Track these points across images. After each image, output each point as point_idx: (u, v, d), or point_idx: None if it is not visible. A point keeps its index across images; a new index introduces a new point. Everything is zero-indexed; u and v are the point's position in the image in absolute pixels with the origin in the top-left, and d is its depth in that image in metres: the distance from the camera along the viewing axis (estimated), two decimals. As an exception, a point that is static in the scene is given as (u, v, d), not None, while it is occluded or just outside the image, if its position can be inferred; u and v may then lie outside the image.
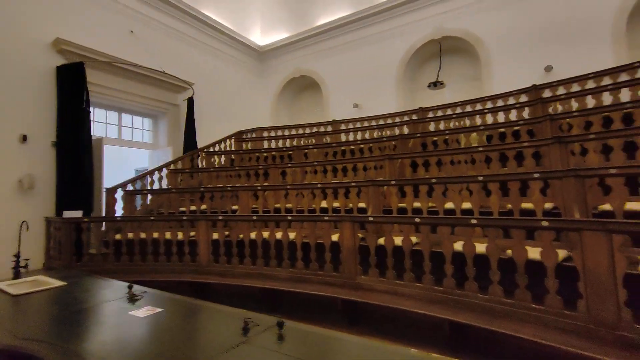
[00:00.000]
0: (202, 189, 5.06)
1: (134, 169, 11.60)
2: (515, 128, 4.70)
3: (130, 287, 2.10)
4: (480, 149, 3.99)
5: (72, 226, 4.46)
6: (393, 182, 3.93)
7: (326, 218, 3.59)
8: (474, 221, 2.68)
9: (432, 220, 2.99)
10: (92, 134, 6.33)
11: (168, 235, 4.35)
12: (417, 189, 3.81)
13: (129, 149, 8.88)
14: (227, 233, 4.18)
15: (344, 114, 9.20)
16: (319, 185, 4.44)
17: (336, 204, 4.37)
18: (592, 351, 2.05)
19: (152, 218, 4.36)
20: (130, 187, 5.81)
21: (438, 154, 4.32)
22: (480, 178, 3.32)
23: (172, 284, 4.09)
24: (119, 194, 5.70)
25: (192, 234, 4.33)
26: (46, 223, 4.72)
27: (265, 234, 3.97)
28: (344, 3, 9.91)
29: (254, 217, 3.99)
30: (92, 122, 6.37)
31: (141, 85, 7.86)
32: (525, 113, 5.38)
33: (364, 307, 3.30)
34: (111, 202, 5.58)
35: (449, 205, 3.58)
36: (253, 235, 4.02)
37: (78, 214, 5.18)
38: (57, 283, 2.38)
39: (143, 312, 1.75)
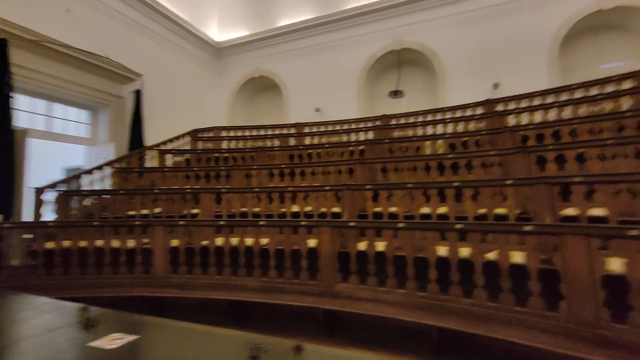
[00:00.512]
0: (156, 191, 4.51)
1: (63, 167, 10.18)
2: (477, 137, 4.98)
3: (83, 309, 1.69)
4: (450, 155, 4.12)
5: (-12, 233, 3.65)
6: (369, 187, 3.86)
7: (303, 223, 3.39)
8: (458, 226, 2.69)
9: (418, 225, 2.96)
10: (13, 123, 5.34)
11: (115, 243, 3.77)
12: (391, 194, 3.79)
13: (57, 145, 7.72)
14: (188, 240, 3.74)
15: (304, 117, 9.05)
16: (290, 189, 4.22)
17: (308, 208, 4.19)
18: (575, 350, 2.13)
19: (95, 223, 3.75)
20: (63, 188, 4.98)
21: (410, 159, 4.37)
22: (456, 184, 3.39)
23: (118, 300, 3.54)
24: (49, 195, 4.86)
25: (145, 241, 3.81)
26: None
27: (234, 241, 3.63)
28: (308, 6, 9.84)
29: (221, 222, 3.63)
30: (14, 111, 5.38)
31: (79, 72, 6.91)
32: (483, 124, 5.75)
33: (343, 316, 3.14)
34: (39, 204, 4.73)
35: (425, 210, 3.62)
36: (219, 241, 3.65)
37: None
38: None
39: (108, 341, 1.39)
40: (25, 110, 6.52)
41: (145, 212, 4.61)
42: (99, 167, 5.52)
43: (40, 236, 3.76)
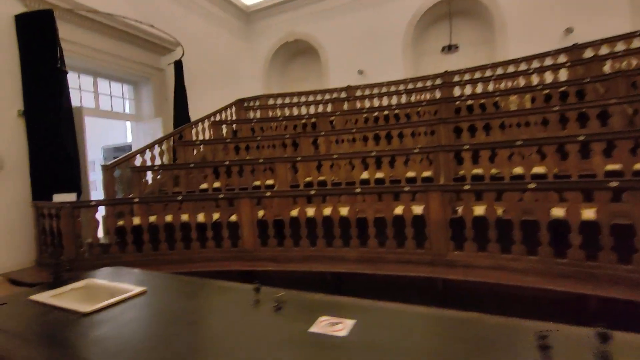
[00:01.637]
0: (227, 162, 4.31)
1: (101, 147, 10.23)
2: (562, 89, 4.46)
3: (257, 290, 1.50)
4: (555, 108, 3.66)
5: (75, 212, 3.58)
6: (467, 147, 3.51)
7: (407, 189, 3.11)
8: (614, 184, 2.33)
9: (555, 185, 2.62)
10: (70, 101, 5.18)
11: (201, 217, 3.64)
12: (494, 153, 3.44)
13: (95, 123, 7.63)
14: (275, 211, 3.56)
15: (345, 82, 8.53)
16: (373, 154, 3.91)
17: (392, 174, 3.90)
18: None
19: (179, 198, 3.61)
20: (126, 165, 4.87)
21: (497, 116, 3.95)
22: (582, 137, 2.98)
23: (210, 274, 3.45)
24: (116, 172, 4.76)
25: (231, 215, 3.65)
26: (35, 210, 3.77)
27: (327, 211, 3.42)
28: (345, -43, 8.99)
29: (312, 191, 3.41)
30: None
31: (120, 43, 6.61)
32: (563, 75, 5.16)
33: (456, 286, 2.93)
34: (110, 181, 4.65)
35: (518, 170, 3.29)
36: (311, 212, 3.45)
37: (72, 197, 4.23)
38: (129, 288, 1.70)
39: (327, 327, 1.18)
40: (73, 88, 6.36)
41: (217, 185, 4.45)
42: (159, 142, 5.35)
43: (120, 214, 3.66)
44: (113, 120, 8.29)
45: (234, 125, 5.98)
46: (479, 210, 2.92)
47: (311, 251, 3.43)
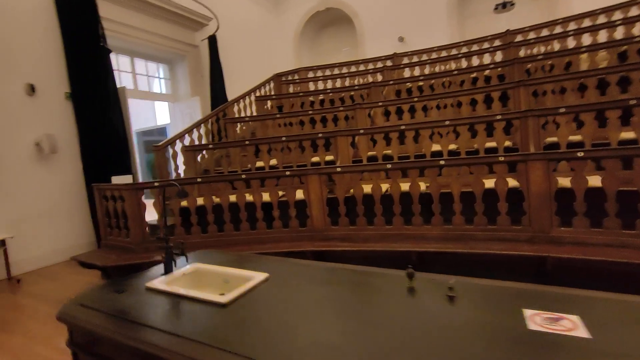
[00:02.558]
0: (283, 138, 4.08)
1: (136, 129, 10.23)
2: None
3: (410, 276, 1.27)
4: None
5: (140, 193, 3.47)
6: (563, 110, 3.10)
7: (502, 159, 2.78)
8: None
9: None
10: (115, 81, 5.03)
11: (267, 196, 3.46)
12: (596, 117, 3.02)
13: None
14: (346, 188, 3.32)
15: (383, 51, 7.99)
16: (447, 123, 3.56)
17: (453, 147, 3.56)
18: None
19: (243, 176, 3.42)
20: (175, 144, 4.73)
21: (585, 75, 3.48)
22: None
23: (279, 255, 3.29)
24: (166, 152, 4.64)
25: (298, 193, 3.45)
26: (97, 192, 3.70)
27: (405, 186, 3.14)
28: None
29: (389, 165, 3.13)
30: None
31: (154, 20, 6.37)
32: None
33: (558, 265, 2.63)
34: (163, 162, 4.53)
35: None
36: (385, 188, 3.19)
37: (128, 179, 4.15)
38: (245, 274, 1.52)
39: (549, 324, 0.94)
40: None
41: (273, 162, 4.25)
42: (205, 121, 5.16)
43: (179, 194, 3.51)
44: (141, 103, 8.18)
45: (281, 100, 5.69)
46: (594, 180, 2.56)
47: (387, 229, 3.19)
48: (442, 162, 2.98)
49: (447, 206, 3.04)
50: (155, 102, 11.20)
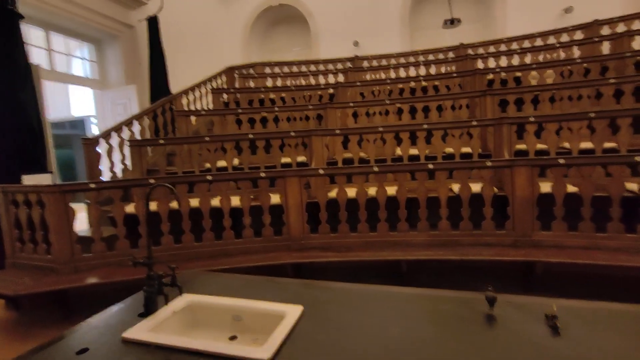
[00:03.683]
0: (250, 136, 3.61)
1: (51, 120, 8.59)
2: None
3: (492, 301, 1.03)
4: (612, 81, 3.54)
5: (67, 198, 2.71)
6: (533, 119, 3.26)
7: (489, 164, 2.78)
8: None
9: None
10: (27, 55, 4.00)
11: (236, 201, 3.00)
12: (561, 127, 3.23)
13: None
14: (326, 192, 3.04)
15: (337, 54, 7.94)
16: (425, 126, 3.52)
17: (427, 151, 3.56)
18: None
19: (209, 177, 2.90)
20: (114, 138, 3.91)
21: (546, 89, 3.77)
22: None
23: (249, 271, 2.86)
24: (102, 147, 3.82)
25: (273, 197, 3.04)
26: (3, 196, 2.79)
27: (391, 190, 2.98)
28: None
29: (375, 168, 2.93)
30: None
31: (77, -12, 5.30)
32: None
33: (542, 268, 2.71)
34: (94, 158, 3.70)
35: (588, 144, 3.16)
36: (372, 192, 2.99)
37: (46, 178, 3.28)
38: (276, 309, 1.12)
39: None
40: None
41: (235, 162, 3.75)
42: (148, 112, 4.40)
43: (140, 196, 2.87)
44: (51, 89, 6.87)
45: (238, 95, 5.15)
46: (571, 188, 2.69)
47: (371, 236, 2.99)
48: (430, 166, 2.87)
49: (433, 211, 2.95)
50: (71, 89, 9.55)
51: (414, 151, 3.69)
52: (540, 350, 0.88)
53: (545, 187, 2.74)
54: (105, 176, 3.88)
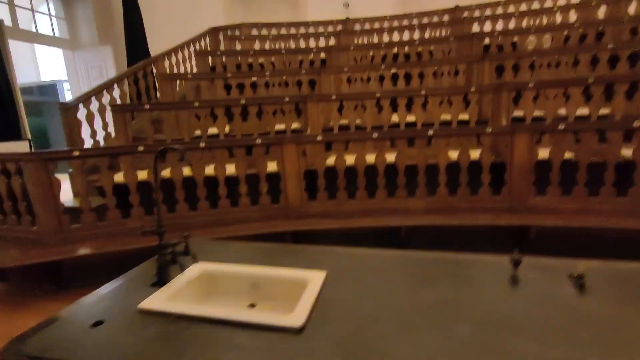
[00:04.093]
0: (242, 101, 3.43)
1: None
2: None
3: (517, 263, 1.03)
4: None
5: (50, 167, 2.54)
6: (532, 85, 3.22)
7: (489, 130, 2.75)
8: None
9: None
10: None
11: (230, 169, 2.89)
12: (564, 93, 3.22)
13: None
14: (325, 159, 2.96)
15: (325, 17, 7.53)
16: (423, 92, 3.43)
17: (411, 118, 3.50)
18: None
19: (202, 144, 2.77)
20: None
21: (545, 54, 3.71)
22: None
23: (248, 239, 2.82)
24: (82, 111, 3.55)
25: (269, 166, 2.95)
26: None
27: (390, 157, 2.94)
28: None
29: (375, 135, 2.86)
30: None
31: None
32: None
33: (534, 232, 2.80)
34: (74, 125, 3.46)
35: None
36: (371, 159, 2.94)
37: (22, 146, 3.05)
38: (298, 275, 1.08)
39: None
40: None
41: (227, 130, 3.59)
42: (130, 75, 4.10)
43: (129, 164, 2.72)
44: (17, 50, 6.32)
45: (224, 58, 4.84)
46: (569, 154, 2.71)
47: (370, 203, 2.98)
48: (430, 133, 2.83)
49: (431, 178, 2.95)
50: (38, 51, 8.80)
51: (410, 118, 3.62)
52: (567, 308, 0.88)
53: (543, 153, 2.76)
54: (87, 145, 3.65)
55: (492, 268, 1.10)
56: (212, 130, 3.57)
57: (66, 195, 3.08)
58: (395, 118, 3.69)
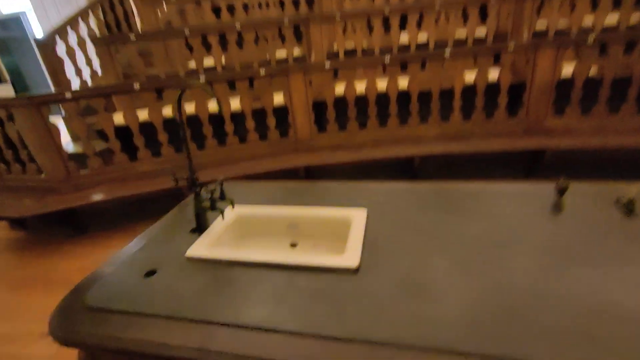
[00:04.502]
0: (238, 25, 3.08)
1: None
2: None
3: (562, 191, 1.00)
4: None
5: (44, 111, 2.37)
6: (559, -10, 2.87)
7: (511, 47, 2.53)
8: None
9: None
10: None
11: (236, 103, 2.74)
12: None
13: None
14: (332, 89, 2.78)
15: None
16: (437, 7, 3.08)
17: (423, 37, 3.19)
18: None
19: (202, 79, 2.55)
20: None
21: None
22: None
23: (259, 177, 2.79)
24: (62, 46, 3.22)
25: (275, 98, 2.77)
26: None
27: (403, 83, 2.77)
28: None
29: (387, 58, 2.63)
30: None
31: None
32: None
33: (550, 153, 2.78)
34: (56, 63, 3.16)
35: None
36: (382, 86, 2.77)
37: (7, 89, 2.82)
38: (339, 214, 1.06)
39: None
40: None
41: (210, 63, 3.29)
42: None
43: (127, 105, 2.55)
44: None
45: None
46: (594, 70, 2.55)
47: (381, 133, 2.90)
48: (447, 54, 2.61)
49: (444, 104, 2.82)
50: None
51: (422, 37, 3.32)
52: (615, 231, 0.88)
53: (566, 70, 2.60)
54: (75, 85, 3.38)
55: (532, 196, 1.08)
56: (208, 62, 3.29)
57: (63, 139, 2.96)
58: (404, 38, 3.38)
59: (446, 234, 0.94)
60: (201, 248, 0.94)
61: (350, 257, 0.84)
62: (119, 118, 2.67)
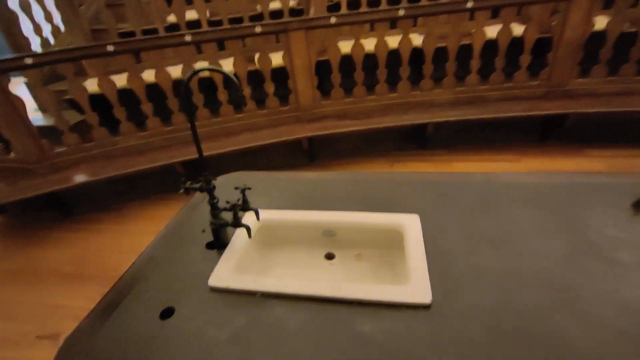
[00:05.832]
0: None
1: None
2: None
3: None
4: None
5: (4, 80, 2.00)
6: None
7: (542, -4, 2.23)
8: None
9: None
10: None
11: (228, 66, 2.40)
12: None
13: None
14: (334, 49, 2.46)
15: None
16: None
17: None
18: None
19: (187, 38, 2.18)
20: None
21: None
22: None
23: (260, 149, 2.53)
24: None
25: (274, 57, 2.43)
26: None
27: (417, 41, 2.47)
28: None
29: (401, 12, 2.29)
30: None
31: None
32: None
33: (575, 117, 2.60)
34: (11, 20, 2.68)
35: None
36: (394, 43, 2.46)
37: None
38: (384, 220, 0.87)
39: None
40: None
41: (193, 16, 2.85)
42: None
43: (99, 69, 2.19)
44: None
45: None
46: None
47: (392, 98, 2.65)
48: (469, 5, 2.29)
49: (461, 63, 2.55)
50: None
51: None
52: None
53: (599, 24, 2.34)
54: (34, 45, 2.91)
55: (609, 190, 0.92)
56: (191, 16, 2.85)
57: (29, 108, 2.59)
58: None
59: (529, 249, 0.77)
60: (225, 273, 0.76)
61: (418, 288, 0.67)
62: (92, 85, 2.31)
